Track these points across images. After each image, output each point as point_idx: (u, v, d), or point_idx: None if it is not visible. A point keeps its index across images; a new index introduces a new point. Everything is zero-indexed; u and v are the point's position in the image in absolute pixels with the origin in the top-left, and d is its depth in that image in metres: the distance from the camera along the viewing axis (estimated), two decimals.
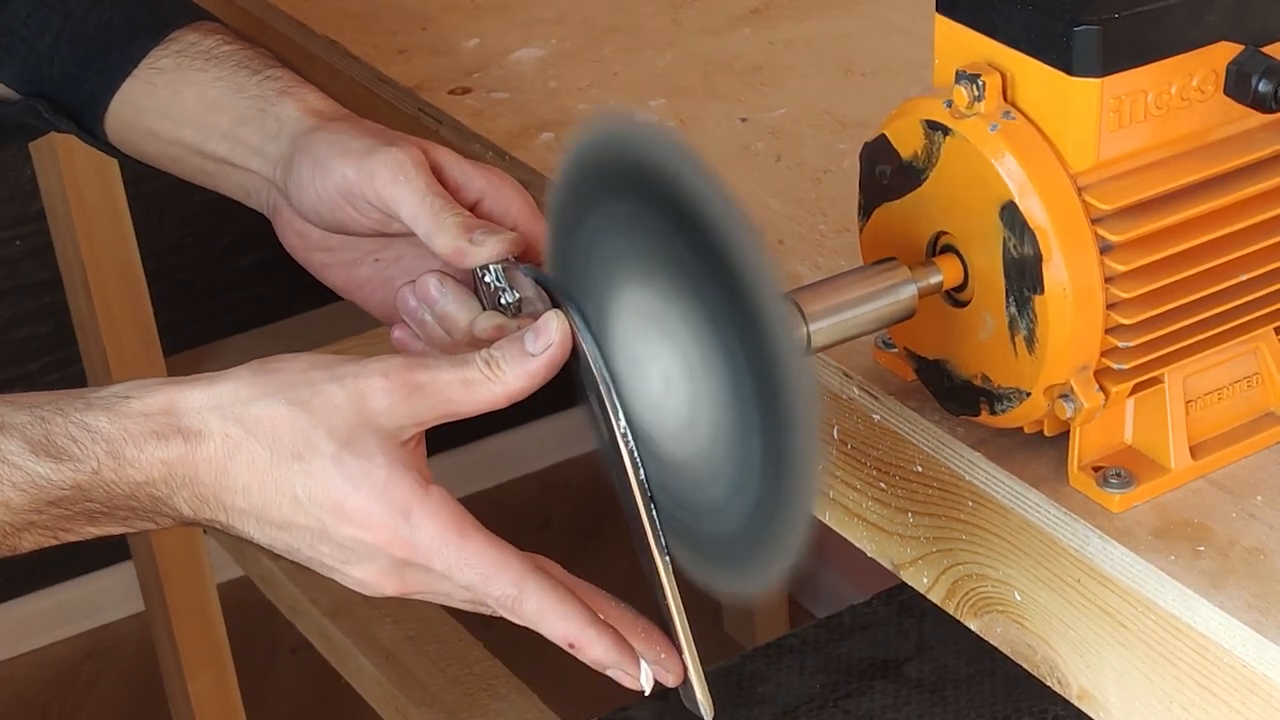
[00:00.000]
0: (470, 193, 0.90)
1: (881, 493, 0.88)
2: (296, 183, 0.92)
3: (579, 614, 0.80)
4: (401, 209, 0.88)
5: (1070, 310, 0.76)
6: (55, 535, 0.80)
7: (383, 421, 0.78)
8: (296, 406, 0.78)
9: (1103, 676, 0.80)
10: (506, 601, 0.79)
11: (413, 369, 0.79)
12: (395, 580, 0.80)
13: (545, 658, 0.79)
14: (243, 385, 0.79)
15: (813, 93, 1.13)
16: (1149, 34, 0.75)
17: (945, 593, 0.86)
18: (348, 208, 0.90)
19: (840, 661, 1.45)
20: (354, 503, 0.78)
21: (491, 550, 0.79)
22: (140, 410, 0.79)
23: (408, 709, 1.52)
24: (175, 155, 1.01)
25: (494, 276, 0.86)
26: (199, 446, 0.78)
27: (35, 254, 2.13)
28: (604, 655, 0.80)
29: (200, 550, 1.93)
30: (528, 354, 0.79)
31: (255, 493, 0.79)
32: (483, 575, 0.79)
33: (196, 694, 1.97)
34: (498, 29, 1.24)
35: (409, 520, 0.78)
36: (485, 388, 0.79)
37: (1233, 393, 0.83)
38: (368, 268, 0.95)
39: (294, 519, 0.79)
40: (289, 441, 0.78)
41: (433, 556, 0.78)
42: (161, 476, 0.79)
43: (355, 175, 0.89)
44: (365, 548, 0.79)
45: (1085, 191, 0.76)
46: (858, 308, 0.79)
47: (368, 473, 0.77)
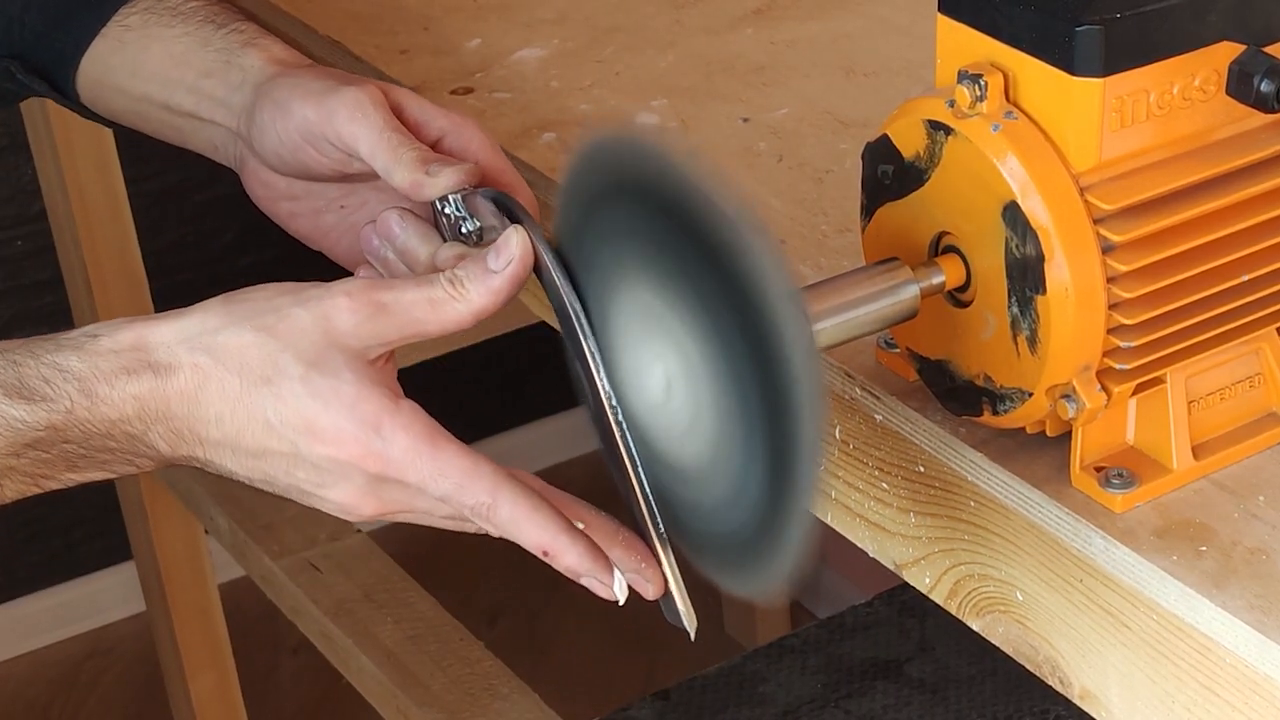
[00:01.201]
0: (431, 131, 0.92)
1: (883, 493, 0.88)
2: (259, 128, 0.93)
3: (553, 521, 0.80)
4: (360, 146, 0.89)
5: (1072, 310, 0.76)
6: (37, 483, 0.81)
7: (349, 341, 0.79)
8: (263, 332, 0.79)
9: (1105, 676, 0.80)
10: (481, 510, 0.79)
11: (377, 289, 0.79)
12: (373, 500, 0.80)
13: (546, 658, 0.79)
14: (210, 316, 0.80)
15: (814, 93, 1.13)
16: (1151, 34, 0.75)
17: (947, 593, 0.86)
18: (308, 149, 0.91)
19: (842, 661, 1.45)
20: (325, 421, 0.78)
21: (464, 459, 0.79)
22: (110, 347, 0.79)
23: (409, 708, 1.52)
24: (143, 112, 1.02)
25: (453, 207, 0.87)
26: (170, 379, 0.79)
27: (36, 254, 2.13)
28: (577, 562, 0.80)
29: (201, 550, 1.93)
30: (490, 271, 0.80)
31: (228, 421, 0.79)
32: (456, 485, 0.79)
33: (198, 694, 1.97)
34: (499, 29, 1.24)
35: (380, 434, 0.78)
36: (450, 306, 0.79)
37: (1235, 393, 0.83)
38: (333, 215, 0.96)
39: (268, 445, 0.79)
40: (257, 367, 0.78)
41: (406, 469, 0.78)
42: (135, 412, 0.79)
43: (315, 115, 0.90)
44: (340, 466, 0.79)
45: (1087, 191, 0.76)
46: (860, 308, 0.79)
47: (336, 390, 0.78)
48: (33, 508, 2.52)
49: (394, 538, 2.41)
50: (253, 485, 0.81)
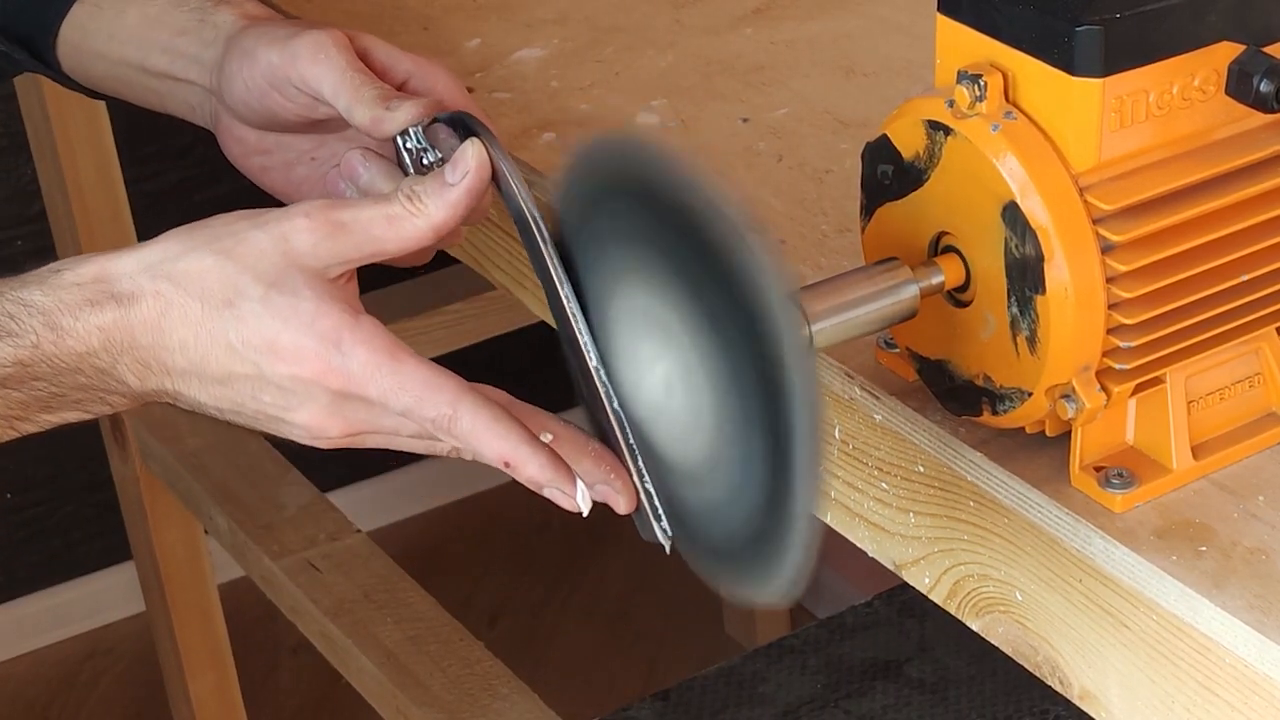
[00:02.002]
0: (397, 74, 0.92)
1: (883, 493, 0.88)
2: (227, 78, 0.94)
3: (514, 432, 0.79)
4: (323, 87, 0.89)
5: (1072, 310, 0.76)
6: (12, 425, 0.81)
7: (308, 261, 0.79)
8: (222, 255, 0.79)
9: (1105, 677, 0.80)
10: (443, 422, 0.79)
11: (335, 208, 0.80)
12: (339, 420, 0.80)
13: (546, 658, 0.79)
14: (170, 244, 0.80)
15: (814, 93, 1.13)
16: (1151, 34, 0.75)
17: (947, 593, 0.86)
18: (274, 94, 0.92)
19: (841, 662, 1.45)
20: (285, 339, 0.78)
21: (424, 372, 0.79)
22: (73, 280, 0.80)
23: (409, 709, 1.52)
24: (122, 76, 1.02)
25: (414, 140, 0.87)
26: (133, 308, 0.79)
27: (36, 254, 2.13)
28: (538, 473, 0.80)
29: (201, 550, 1.93)
30: (447, 184, 0.80)
31: (192, 347, 0.79)
32: (416, 397, 0.78)
33: (197, 694, 1.97)
34: (499, 29, 1.24)
35: (340, 349, 0.78)
36: (409, 222, 0.80)
37: (1234, 393, 0.83)
38: (305, 168, 0.97)
39: (232, 368, 0.79)
40: (218, 290, 0.79)
41: (367, 383, 0.78)
42: (101, 344, 0.79)
43: (279, 59, 0.90)
44: (303, 385, 0.79)
45: (1087, 191, 0.76)
46: (860, 308, 0.79)
47: (295, 308, 0.78)
48: (33, 507, 2.53)
49: (394, 538, 2.42)
50: (223, 418, 0.82)
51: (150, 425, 1.82)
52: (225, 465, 1.78)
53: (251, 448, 1.80)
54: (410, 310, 1.99)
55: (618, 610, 2.32)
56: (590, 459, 0.81)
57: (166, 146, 2.18)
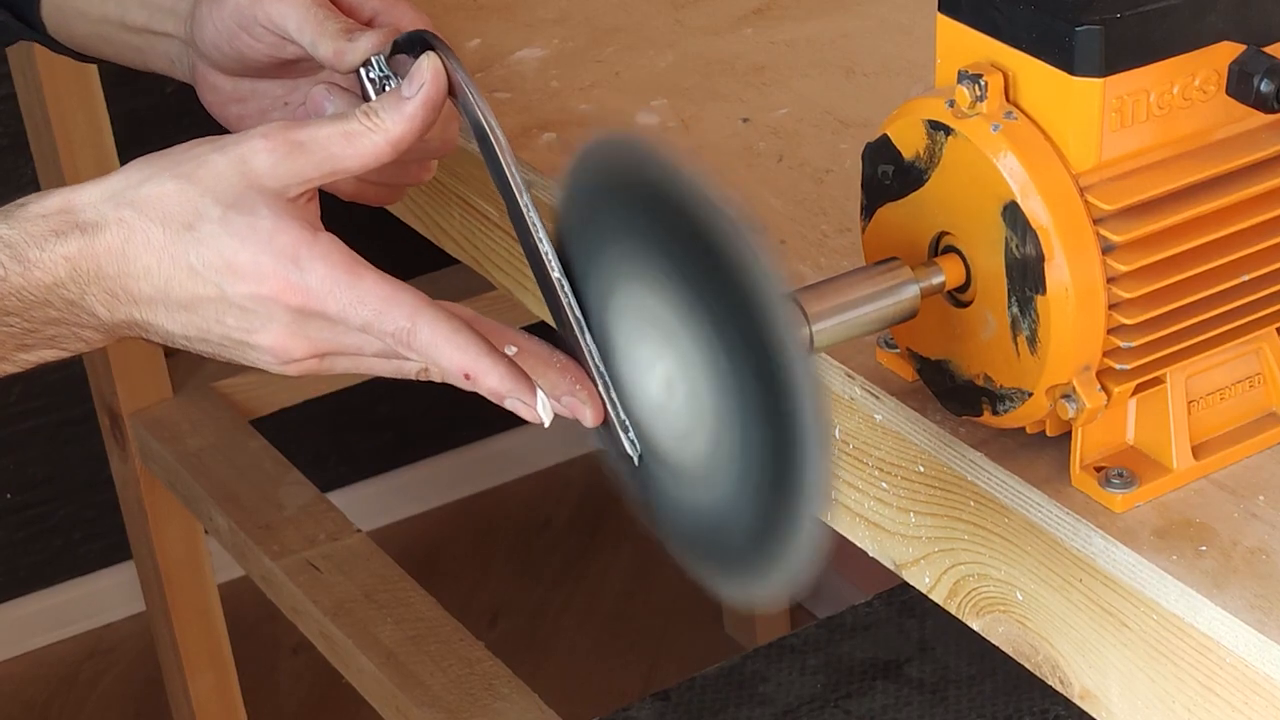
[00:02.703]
0: (364, 12, 0.93)
1: (883, 493, 0.88)
2: (198, 23, 0.94)
3: (474, 344, 0.79)
4: (288, 24, 0.90)
5: (1072, 310, 0.76)
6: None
7: (267, 181, 0.79)
8: (182, 179, 0.79)
9: (1105, 676, 0.80)
10: (402, 335, 0.79)
11: (292, 128, 0.80)
12: (302, 340, 0.80)
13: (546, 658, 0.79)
14: (133, 171, 0.81)
15: (814, 93, 1.13)
16: (1151, 34, 0.75)
17: (947, 593, 0.86)
18: (243, 35, 0.92)
19: (841, 661, 1.45)
20: (243, 257, 0.78)
21: (384, 286, 0.79)
22: (38, 212, 0.80)
23: (409, 709, 1.52)
24: (103, 33, 1.03)
25: (377, 69, 0.88)
26: (97, 237, 0.79)
27: None
28: (499, 383, 0.80)
29: (201, 550, 1.93)
30: (404, 98, 0.81)
31: (155, 273, 0.79)
32: (375, 311, 0.79)
33: (197, 694, 1.97)
34: (499, 29, 1.24)
35: (298, 264, 0.78)
36: (367, 138, 0.80)
37: (1235, 393, 0.83)
38: (279, 113, 0.98)
39: (195, 291, 0.79)
40: (178, 214, 0.79)
41: (325, 299, 0.79)
42: (68, 275, 0.79)
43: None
44: (264, 304, 0.79)
45: (1087, 191, 0.76)
46: (860, 308, 0.79)
47: (253, 226, 0.79)
48: (33, 508, 2.53)
49: (394, 538, 2.42)
50: (191, 348, 0.82)
51: (150, 425, 1.82)
52: (225, 465, 1.78)
53: (251, 448, 1.80)
54: None
55: (618, 610, 2.32)
56: (555, 371, 0.81)
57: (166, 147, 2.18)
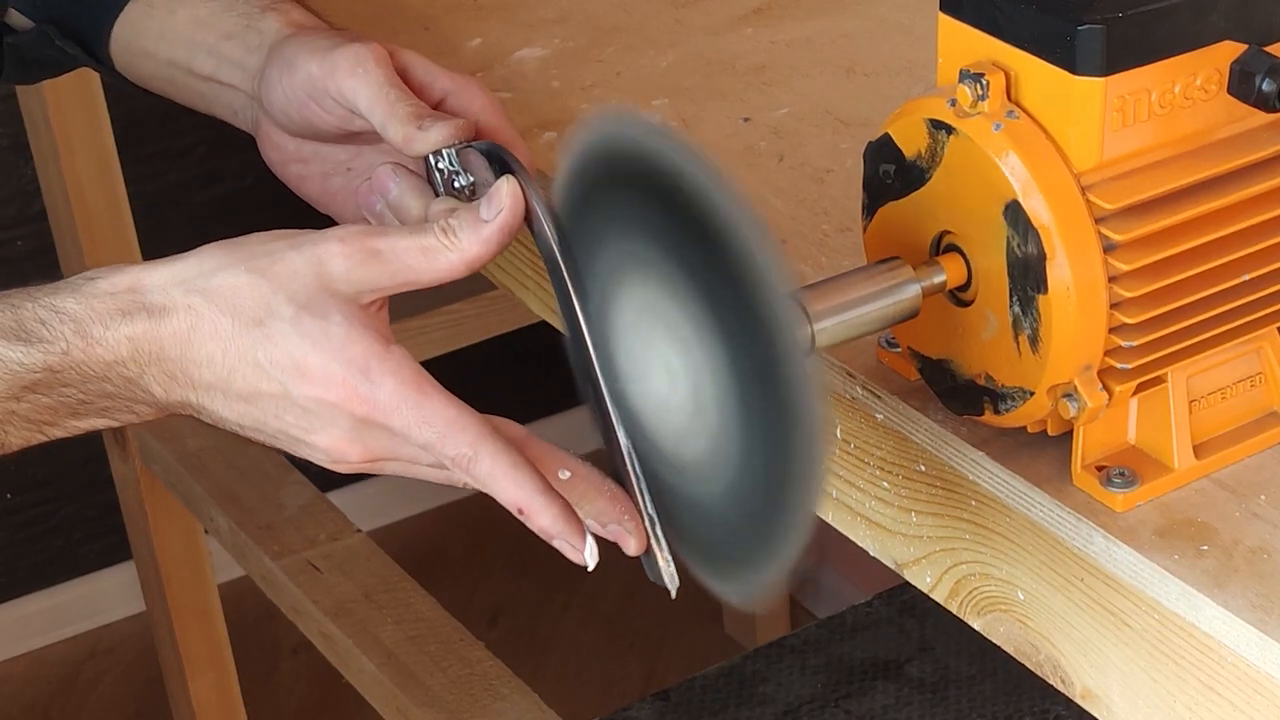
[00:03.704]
0: (435, 92, 0.92)
1: (885, 492, 0.88)
2: (268, 85, 0.94)
3: (531, 481, 0.80)
4: (359, 100, 0.89)
5: (1074, 309, 0.76)
6: (40, 429, 0.81)
7: (341, 286, 0.79)
8: (256, 274, 0.79)
9: (1106, 676, 0.80)
10: (462, 462, 0.79)
11: (370, 235, 0.80)
12: (359, 446, 0.80)
13: (546, 658, 0.79)
14: (205, 259, 0.80)
15: (815, 92, 1.13)
16: (1152, 33, 0.75)
17: (948, 592, 0.86)
18: (312, 104, 0.92)
19: (842, 661, 1.45)
20: (313, 361, 0.78)
21: (450, 409, 0.79)
22: (106, 290, 0.80)
23: (409, 709, 1.52)
24: (170, 77, 1.03)
25: (447, 161, 0.87)
26: (164, 321, 0.79)
27: (36, 254, 2.13)
28: (550, 524, 0.80)
29: (201, 550, 1.93)
30: (482, 220, 0.80)
31: (219, 363, 0.79)
32: (439, 434, 0.79)
33: (198, 694, 1.97)
34: (500, 29, 1.24)
35: (368, 377, 0.78)
36: (443, 255, 0.80)
37: (1236, 392, 0.83)
38: (341, 178, 0.97)
39: (258, 386, 0.79)
40: (249, 308, 0.79)
41: (391, 414, 0.78)
42: (129, 354, 0.79)
43: (318, 70, 0.91)
44: (327, 409, 0.79)
45: (1089, 191, 0.76)
46: (861, 307, 0.79)
47: (325, 331, 0.78)
48: (33, 508, 2.53)
49: (394, 538, 2.42)
50: (244, 434, 0.82)
51: (150, 425, 1.82)
52: (225, 465, 1.78)
53: (251, 449, 1.80)
54: (410, 310, 1.99)
55: (617, 610, 2.32)
56: (605, 499, 0.81)
57: (166, 146, 2.18)
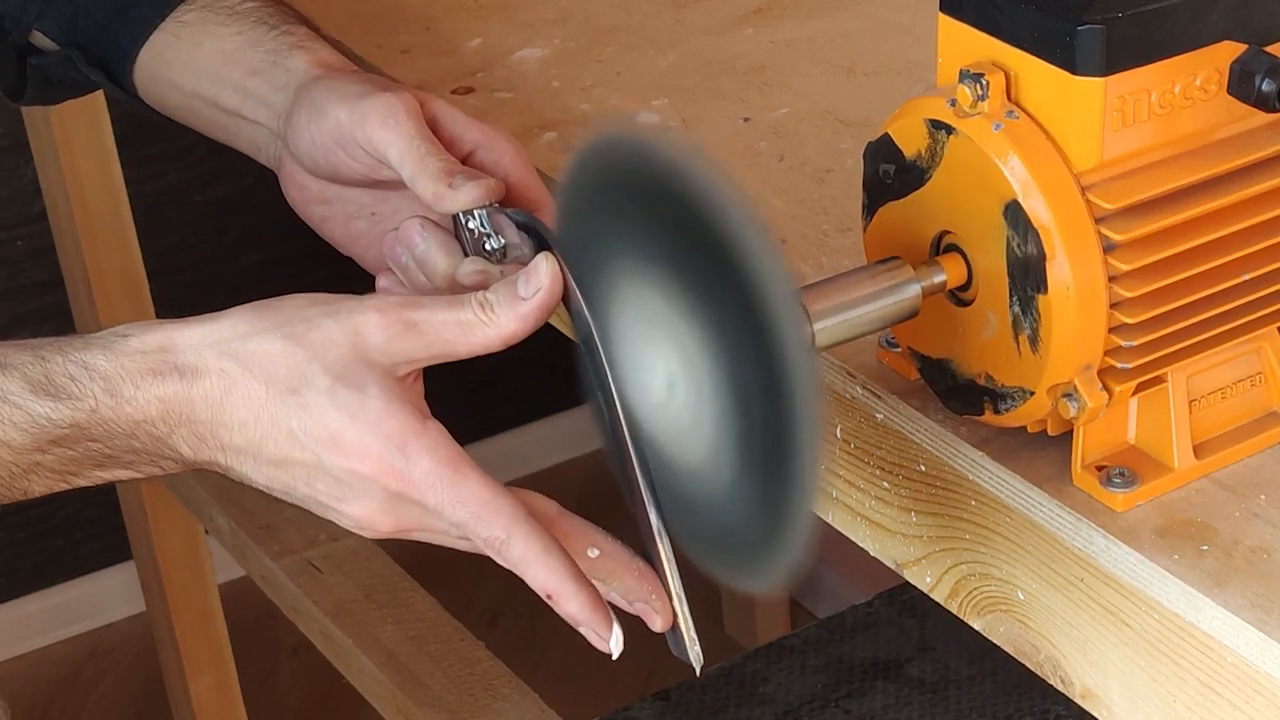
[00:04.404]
0: (464, 144, 0.91)
1: (885, 492, 0.88)
2: (295, 128, 0.93)
3: (561, 567, 0.79)
4: (389, 152, 0.88)
5: (1074, 309, 0.76)
6: (64, 479, 0.81)
7: (377, 357, 0.78)
8: (291, 341, 0.78)
9: (1106, 676, 0.80)
10: (494, 544, 0.79)
11: (408, 307, 0.79)
12: (390, 518, 0.79)
13: (546, 658, 0.79)
14: (240, 322, 0.80)
15: (815, 92, 1.13)
16: (1152, 33, 0.75)
17: (948, 592, 0.86)
18: (340, 152, 0.91)
19: (842, 661, 1.45)
20: (350, 435, 0.78)
21: (485, 490, 0.78)
22: (137, 348, 0.79)
23: (409, 709, 1.52)
24: (194, 108, 1.02)
25: (478, 222, 0.86)
26: (195, 383, 0.79)
27: (36, 255, 2.13)
28: (578, 612, 0.80)
29: (201, 550, 1.93)
30: (520, 298, 0.79)
31: (251, 428, 0.79)
32: (473, 514, 0.78)
33: (198, 694, 1.97)
34: (500, 29, 1.24)
35: (405, 453, 0.78)
36: (480, 330, 0.79)
37: (1236, 392, 0.83)
38: (364, 221, 0.96)
39: (290, 454, 0.79)
40: (284, 376, 0.78)
41: (426, 492, 0.78)
42: (159, 414, 0.79)
43: (347, 118, 0.90)
44: (361, 481, 0.78)
45: (1089, 191, 0.76)
46: (861, 307, 0.79)
47: (362, 404, 0.78)
48: (33, 507, 2.52)
49: None
50: (271, 494, 0.81)
51: None
52: None
53: None
54: None
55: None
56: (633, 577, 0.82)
57: (166, 146, 2.18)
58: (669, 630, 0.83)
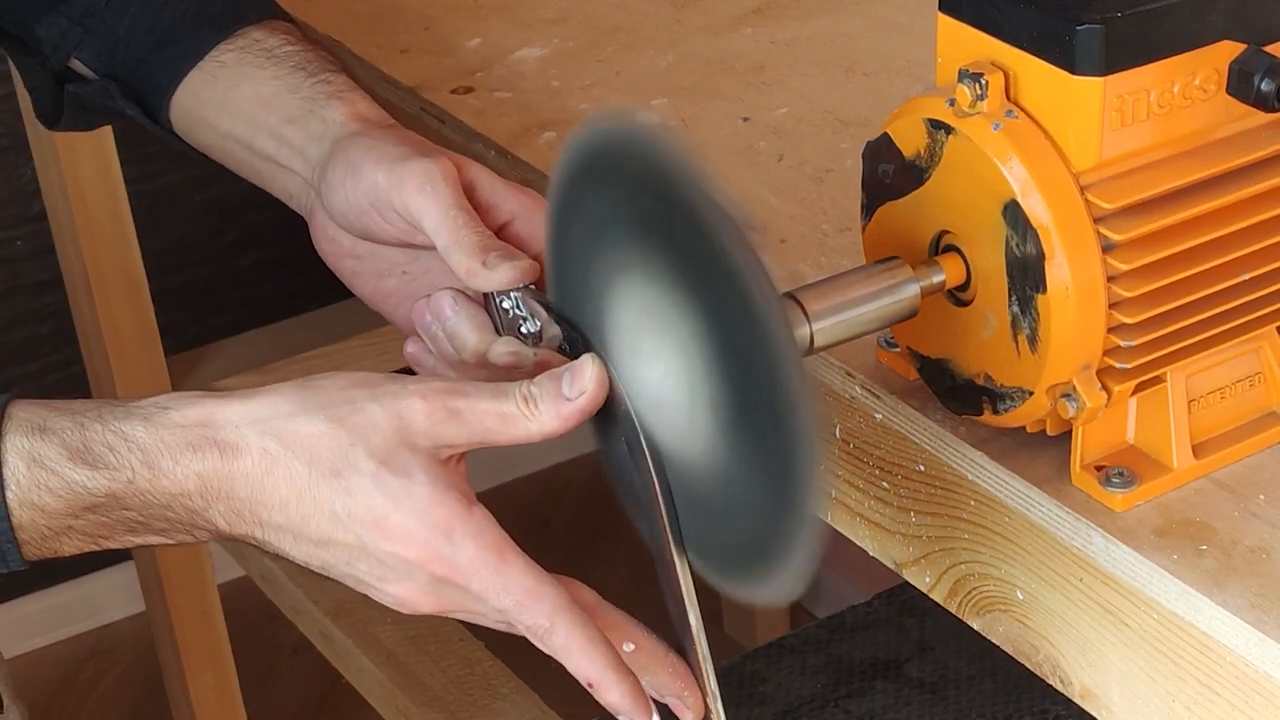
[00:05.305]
0: (501, 214, 0.90)
1: (884, 492, 0.88)
2: (329, 185, 0.92)
3: (603, 656, 0.80)
4: (425, 220, 0.87)
5: (1073, 309, 0.76)
6: (96, 542, 0.81)
7: (420, 441, 0.78)
8: (335, 423, 0.78)
9: (1105, 675, 0.80)
10: (537, 631, 0.79)
11: (451, 394, 0.78)
12: (432, 599, 0.80)
13: (546, 658, 0.79)
14: (282, 400, 0.79)
15: (814, 92, 1.13)
16: (1151, 33, 0.75)
17: (947, 592, 0.86)
18: (374, 214, 0.90)
19: (841, 661, 1.45)
20: (396, 520, 0.77)
21: (529, 579, 0.79)
22: (178, 421, 0.79)
23: (409, 709, 1.52)
24: (228, 149, 1.01)
25: (513, 303, 0.85)
26: (236, 460, 0.78)
27: (36, 255, 2.13)
28: (619, 701, 0.80)
29: (201, 550, 1.93)
30: (564, 398, 0.78)
31: (293, 508, 0.78)
32: (517, 603, 0.79)
33: (197, 694, 1.97)
34: (500, 29, 1.24)
35: (450, 540, 0.78)
36: (521, 424, 0.79)
37: (1235, 392, 0.83)
38: (395, 280, 0.95)
39: (333, 535, 0.79)
40: (327, 458, 0.78)
41: (471, 577, 0.78)
42: (197, 489, 0.78)
43: (385, 181, 0.88)
44: (405, 565, 0.78)
45: (1088, 190, 0.76)
46: (860, 307, 0.79)
47: (409, 490, 0.77)
48: None
49: None
50: (308, 568, 0.81)
51: None
52: None
53: None
54: None
55: None
56: (668, 673, 0.82)
57: (166, 146, 2.17)
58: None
